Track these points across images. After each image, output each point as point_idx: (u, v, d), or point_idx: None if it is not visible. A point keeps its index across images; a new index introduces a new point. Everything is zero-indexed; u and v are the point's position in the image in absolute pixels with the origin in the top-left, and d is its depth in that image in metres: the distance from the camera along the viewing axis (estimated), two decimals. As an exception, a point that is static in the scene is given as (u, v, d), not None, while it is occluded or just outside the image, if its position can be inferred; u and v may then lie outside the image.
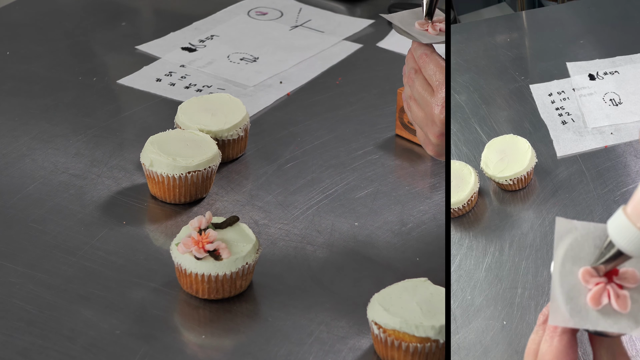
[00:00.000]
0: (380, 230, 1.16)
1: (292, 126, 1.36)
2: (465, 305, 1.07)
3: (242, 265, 1.04)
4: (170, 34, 1.59)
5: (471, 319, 1.05)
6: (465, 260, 1.13)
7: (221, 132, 1.25)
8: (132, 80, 1.46)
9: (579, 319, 0.73)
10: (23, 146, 1.30)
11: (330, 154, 1.30)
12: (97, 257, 1.11)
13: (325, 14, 1.67)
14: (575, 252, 0.76)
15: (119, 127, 1.35)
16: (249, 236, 1.06)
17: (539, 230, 1.18)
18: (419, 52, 1.06)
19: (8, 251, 1.11)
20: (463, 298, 1.08)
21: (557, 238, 0.77)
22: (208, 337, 1.02)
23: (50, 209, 1.18)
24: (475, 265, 1.13)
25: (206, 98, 1.31)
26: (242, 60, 1.52)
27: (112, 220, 1.17)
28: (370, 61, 1.53)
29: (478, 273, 1.11)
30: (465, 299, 1.08)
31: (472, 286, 1.10)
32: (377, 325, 0.97)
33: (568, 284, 0.74)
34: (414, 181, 1.25)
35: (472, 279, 1.11)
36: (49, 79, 1.46)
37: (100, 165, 1.26)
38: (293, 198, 1.22)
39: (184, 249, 1.03)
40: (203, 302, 1.05)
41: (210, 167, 1.19)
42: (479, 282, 1.10)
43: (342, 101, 1.43)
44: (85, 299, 1.05)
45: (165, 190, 1.18)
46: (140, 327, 1.02)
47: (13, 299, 1.04)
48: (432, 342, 0.95)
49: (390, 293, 0.99)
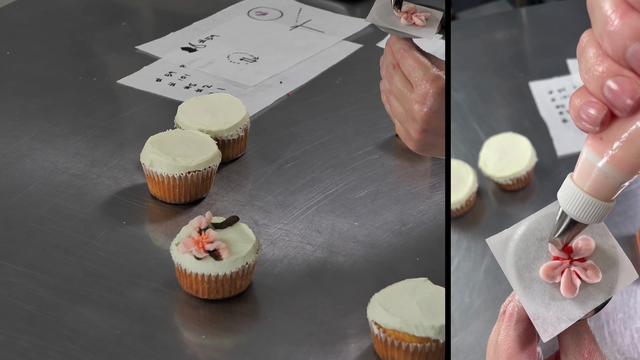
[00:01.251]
0: (380, 230, 1.17)
1: (292, 126, 1.36)
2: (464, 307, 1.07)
3: (242, 265, 1.04)
4: (170, 34, 1.59)
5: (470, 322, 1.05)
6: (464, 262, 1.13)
7: (221, 132, 1.25)
8: (132, 80, 1.47)
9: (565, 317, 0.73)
10: (23, 146, 1.30)
11: (330, 154, 1.30)
12: (97, 257, 1.11)
13: (325, 14, 1.67)
14: (522, 257, 0.75)
15: (119, 127, 1.35)
16: (249, 236, 1.06)
17: (539, 231, 1.18)
18: (397, 46, 1.05)
19: (8, 251, 1.11)
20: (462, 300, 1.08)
21: (497, 258, 0.75)
22: (208, 337, 1.02)
23: (50, 209, 1.18)
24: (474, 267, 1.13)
25: (206, 98, 1.31)
26: (242, 60, 1.52)
27: (112, 220, 1.17)
28: (370, 61, 1.53)
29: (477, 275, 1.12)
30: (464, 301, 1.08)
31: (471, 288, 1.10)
32: (377, 325, 0.97)
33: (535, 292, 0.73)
34: (414, 181, 1.25)
35: (471, 281, 1.11)
36: (49, 79, 1.46)
37: (100, 165, 1.26)
38: (293, 198, 1.22)
39: (184, 249, 1.03)
40: (203, 302, 1.05)
41: (210, 167, 1.19)
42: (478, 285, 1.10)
43: (342, 101, 1.43)
44: (85, 299, 1.05)
45: (165, 190, 1.18)
46: (140, 327, 1.02)
47: (13, 299, 1.04)
48: (432, 342, 0.95)
49: (390, 293, 0.99)
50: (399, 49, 1.04)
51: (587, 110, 0.64)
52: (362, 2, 1.71)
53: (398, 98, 1.04)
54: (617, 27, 0.60)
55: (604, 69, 0.63)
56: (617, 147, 0.65)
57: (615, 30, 0.60)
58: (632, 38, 0.60)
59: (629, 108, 0.62)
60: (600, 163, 0.66)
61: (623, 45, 0.60)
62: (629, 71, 0.62)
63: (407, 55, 1.03)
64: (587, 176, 0.68)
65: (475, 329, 1.05)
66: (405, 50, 1.03)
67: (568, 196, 0.70)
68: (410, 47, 1.04)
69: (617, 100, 0.62)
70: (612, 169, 0.66)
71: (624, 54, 0.61)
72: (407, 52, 1.03)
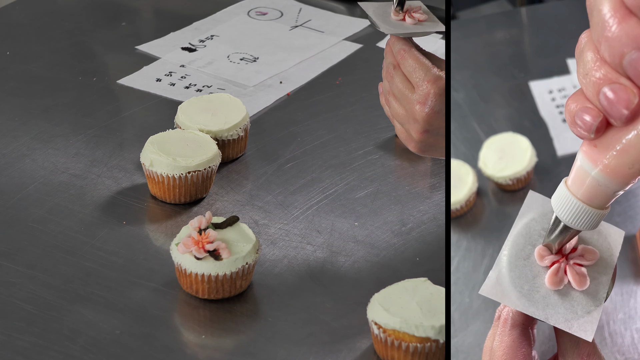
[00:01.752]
0: (380, 230, 1.17)
1: (292, 126, 1.36)
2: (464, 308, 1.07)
3: (242, 265, 1.04)
4: (170, 34, 1.59)
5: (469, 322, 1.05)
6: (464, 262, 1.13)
7: (221, 132, 1.25)
8: (132, 80, 1.47)
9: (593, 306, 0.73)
10: (23, 146, 1.30)
11: (330, 154, 1.30)
12: (97, 257, 1.11)
13: (325, 14, 1.67)
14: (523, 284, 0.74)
15: (119, 127, 1.35)
16: (249, 236, 1.06)
17: (539, 231, 1.18)
18: (397, 47, 1.04)
19: (8, 251, 1.11)
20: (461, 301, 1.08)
21: (501, 301, 0.74)
22: (208, 337, 1.02)
23: (50, 209, 1.18)
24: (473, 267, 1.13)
25: (206, 98, 1.31)
26: (242, 60, 1.52)
27: (112, 220, 1.17)
28: (370, 61, 1.53)
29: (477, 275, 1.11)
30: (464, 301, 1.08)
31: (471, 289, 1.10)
32: (377, 325, 0.97)
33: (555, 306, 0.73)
34: (414, 181, 1.25)
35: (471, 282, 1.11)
36: (49, 79, 1.46)
37: (100, 165, 1.26)
38: (293, 198, 1.22)
39: (184, 249, 1.03)
40: (203, 302, 1.05)
41: (210, 167, 1.19)
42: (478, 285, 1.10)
43: (342, 101, 1.43)
44: (85, 299, 1.05)
45: (165, 190, 1.18)
46: (140, 327, 1.02)
47: (13, 299, 1.04)
48: (432, 342, 0.95)
49: (390, 293, 0.99)
50: (399, 49, 1.04)
51: (583, 116, 0.63)
52: (362, 2, 1.71)
53: (399, 99, 1.04)
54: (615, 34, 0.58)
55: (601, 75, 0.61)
56: (611, 156, 0.63)
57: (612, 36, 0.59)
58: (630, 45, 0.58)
59: (624, 117, 0.61)
60: (594, 171, 0.65)
61: (620, 53, 0.59)
62: (626, 79, 0.60)
63: (408, 56, 1.03)
64: (580, 183, 0.67)
65: (475, 329, 1.05)
66: (406, 51, 1.03)
67: (562, 203, 0.69)
68: (411, 47, 1.04)
69: (612, 109, 0.61)
70: (606, 177, 0.65)
71: (621, 62, 0.59)
72: (407, 53, 1.03)
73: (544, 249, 0.75)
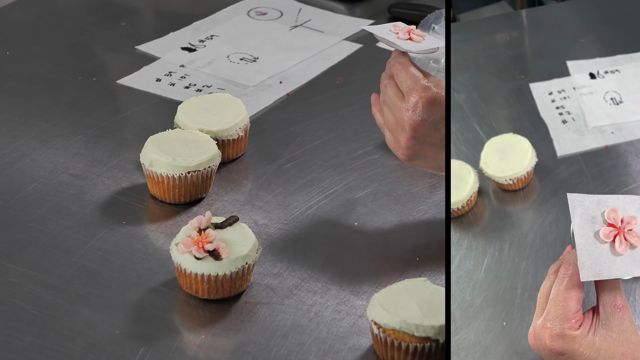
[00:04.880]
0: (380, 230, 1.16)
1: (292, 126, 1.36)
2: (465, 306, 1.07)
3: (242, 265, 1.04)
4: (170, 34, 1.59)
5: (471, 320, 1.05)
6: (465, 261, 1.13)
7: (221, 132, 1.25)
8: (132, 80, 1.47)
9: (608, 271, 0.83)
10: (23, 146, 1.30)
11: (330, 154, 1.30)
12: (97, 257, 1.11)
13: (325, 14, 1.67)
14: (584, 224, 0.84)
15: (118, 127, 1.35)
16: (249, 236, 1.06)
17: (539, 231, 1.18)
18: (394, 61, 1.11)
19: (8, 251, 1.11)
20: (462, 299, 1.08)
21: (571, 209, 0.85)
22: (208, 337, 1.02)
23: (50, 209, 1.18)
24: (474, 265, 1.13)
25: (206, 98, 1.31)
26: (242, 60, 1.52)
27: (112, 220, 1.17)
28: (370, 61, 1.53)
29: (477, 274, 1.11)
30: (465, 299, 1.08)
31: (472, 287, 1.10)
32: (377, 325, 0.97)
33: (589, 244, 0.84)
34: (414, 181, 1.25)
35: (472, 280, 1.11)
36: (49, 79, 1.46)
37: (100, 165, 1.26)
38: (293, 198, 1.22)
39: (183, 248, 1.03)
40: (203, 302, 1.05)
41: (210, 167, 1.19)
42: (479, 283, 1.10)
43: (342, 101, 1.43)
44: (85, 299, 1.05)
45: (165, 190, 1.18)
46: (140, 327, 1.02)
47: (13, 299, 1.04)
48: (432, 342, 0.95)
49: (390, 293, 0.99)
50: (395, 63, 1.10)
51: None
52: (362, 2, 1.71)
53: (390, 107, 1.10)
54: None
55: None
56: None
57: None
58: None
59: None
60: None
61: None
62: None
63: (402, 68, 1.09)
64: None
65: (476, 327, 1.05)
66: (401, 64, 1.10)
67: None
68: (407, 62, 1.10)
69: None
70: None
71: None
72: (401, 65, 1.10)
73: (606, 228, 0.84)
